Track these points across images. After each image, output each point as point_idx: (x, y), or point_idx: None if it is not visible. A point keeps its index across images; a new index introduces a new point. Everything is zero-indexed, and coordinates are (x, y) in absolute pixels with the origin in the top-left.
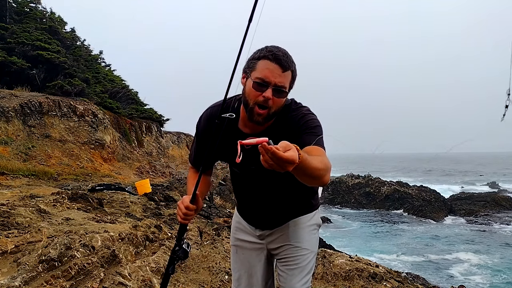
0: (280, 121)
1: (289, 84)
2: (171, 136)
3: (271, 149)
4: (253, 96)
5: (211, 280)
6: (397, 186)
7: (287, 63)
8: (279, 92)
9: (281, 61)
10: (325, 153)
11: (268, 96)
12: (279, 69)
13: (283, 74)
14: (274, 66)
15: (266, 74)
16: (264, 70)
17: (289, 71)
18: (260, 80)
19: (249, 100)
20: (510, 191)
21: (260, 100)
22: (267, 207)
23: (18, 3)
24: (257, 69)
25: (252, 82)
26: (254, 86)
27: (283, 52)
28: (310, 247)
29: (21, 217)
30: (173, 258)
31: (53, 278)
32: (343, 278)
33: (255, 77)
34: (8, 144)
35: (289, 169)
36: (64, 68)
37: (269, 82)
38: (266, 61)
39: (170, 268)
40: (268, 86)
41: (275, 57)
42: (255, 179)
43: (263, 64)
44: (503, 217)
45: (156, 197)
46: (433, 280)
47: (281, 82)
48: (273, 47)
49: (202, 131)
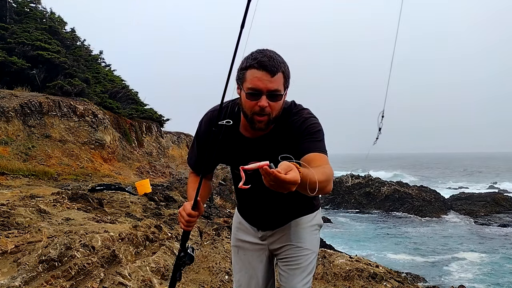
0: (281, 125)
1: (283, 85)
2: (171, 136)
3: (272, 173)
4: (249, 106)
5: (211, 280)
6: (397, 186)
7: (274, 67)
8: (274, 96)
9: (267, 66)
10: (327, 159)
11: (263, 104)
12: (267, 75)
13: (273, 79)
14: (261, 74)
15: (256, 83)
16: (253, 80)
17: (278, 73)
18: (251, 90)
19: (246, 111)
20: (510, 191)
21: (256, 110)
22: (268, 208)
23: (18, 3)
24: (247, 80)
25: (245, 93)
26: (248, 97)
27: (269, 56)
28: (312, 247)
29: (21, 217)
30: (179, 265)
31: (53, 278)
32: (343, 278)
33: (247, 88)
34: (8, 144)
35: (291, 189)
36: (64, 68)
37: (261, 90)
38: (253, 70)
39: (178, 275)
40: (261, 95)
41: (261, 64)
42: (256, 181)
43: (251, 74)
44: (503, 217)
45: (156, 197)
46: (433, 280)
47: (273, 87)
48: (257, 53)
49: (203, 136)
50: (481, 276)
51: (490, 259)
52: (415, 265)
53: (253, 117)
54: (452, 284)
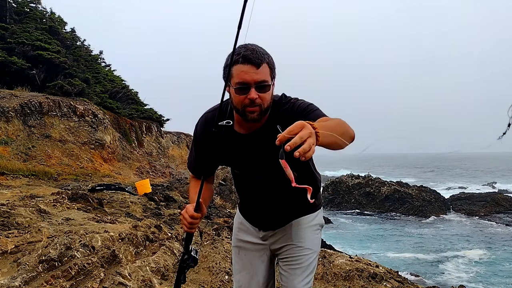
0: (274, 117)
1: (270, 75)
2: (171, 136)
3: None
4: (238, 101)
5: (211, 280)
6: (397, 186)
7: (258, 59)
8: (262, 87)
9: (252, 59)
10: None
11: (253, 96)
12: (253, 68)
13: (259, 70)
14: (247, 67)
15: (243, 77)
16: (239, 74)
17: (263, 64)
18: (239, 85)
19: (237, 106)
20: (510, 191)
21: (247, 103)
22: (269, 207)
23: (18, 3)
24: (234, 75)
25: (234, 89)
26: (237, 92)
27: (251, 49)
28: (313, 247)
29: (21, 217)
30: (183, 267)
31: (53, 278)
32: (343, 278)
33: (235, 83)
34: (8, 144)
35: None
36: (64, 68)
37: (249, 83)
38: (238, 65)
39: (182, 277)
40: (249, 88)
41: (245, 58)
42: (257, 179)
43: (236, 69)
44: (503, 217)
45: (156, 197)
46: (433, 280)
47: (260, 78)
48: (240, 47)
49: (200, 138)
50: (481, 276)
51: (490, 258)
52: (415, 265)
53: (245, 109)
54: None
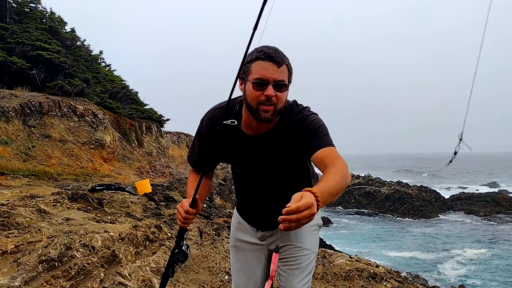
0: (283, 123)
1: (287, 77)
2: (171, 136)
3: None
4: (254, 96)
5: (211, 280)
6: (397, 186)
7: (280, 58)
8: (280, 86)
9: (274, 57)
10: (337, 152)
11: (270, 94)
12: (274, 66)
13: (279, 69)
14: (268, 64)
15: (263, 73)
16: (260, 70)
17: (284, 65)
18: (258, 80)
19: (251, 103)
20: (510, 191)
21: (262, 100)
22: (269, 207)
23: (18, 3)
24: (253, 71)
25: (251, 84)
26: (254, 87)
27: (274, 49)
28: (311, 247)
29: (21, 217)
30: (173, 261)
31: (53, 278)
32: (343, 278)
33: (253, 79)
34: (8, 144)
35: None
36: (64, 68)
37: (268, 80)
38: (259, 61)
39: (170, 271)
40: (268, 84)
41: (267, 56)
42: (257, 179)
43: (257, 65)
44: (503, 217)
45: (156, 197)
46: (433, 280)
47: (280, 77)
48: (263, 46)
49: (204, 135)
50: (481, 276)
51: (490, 258)
52: (415, 265)
53: (259, 107)
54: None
